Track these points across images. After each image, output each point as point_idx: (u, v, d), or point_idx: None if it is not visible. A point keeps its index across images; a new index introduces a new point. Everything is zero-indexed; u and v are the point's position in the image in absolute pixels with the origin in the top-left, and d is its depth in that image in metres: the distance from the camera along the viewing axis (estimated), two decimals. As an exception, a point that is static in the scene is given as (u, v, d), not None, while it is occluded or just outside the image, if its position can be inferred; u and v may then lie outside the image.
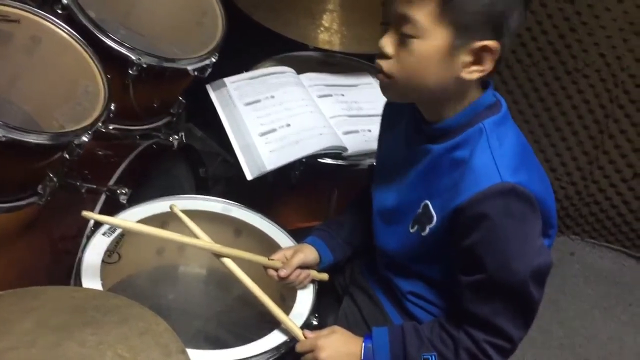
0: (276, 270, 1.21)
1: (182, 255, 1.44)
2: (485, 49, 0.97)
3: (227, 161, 2.34)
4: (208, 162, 1.92)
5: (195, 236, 1.21)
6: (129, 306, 0.91)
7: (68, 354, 0.81)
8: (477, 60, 0.98)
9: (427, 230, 1.07)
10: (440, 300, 1.14)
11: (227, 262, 1.19)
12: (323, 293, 1.26)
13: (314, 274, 1.25)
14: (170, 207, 1.24)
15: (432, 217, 1.06)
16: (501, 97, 1.08)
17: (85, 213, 1.10)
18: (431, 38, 0.97)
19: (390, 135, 1.21)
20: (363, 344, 1.09)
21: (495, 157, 1.00)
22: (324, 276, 1.28)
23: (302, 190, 1.60)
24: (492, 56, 0.97)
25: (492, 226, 0.98)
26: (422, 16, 0.96)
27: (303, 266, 1.22)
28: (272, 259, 1.22)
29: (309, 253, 1.23)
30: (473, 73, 0.99)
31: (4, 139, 1.11)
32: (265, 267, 1.22)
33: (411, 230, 1.10)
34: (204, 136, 2.37)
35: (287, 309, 1.18)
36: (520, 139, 1.07)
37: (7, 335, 0.83)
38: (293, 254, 1.22)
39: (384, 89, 1.06)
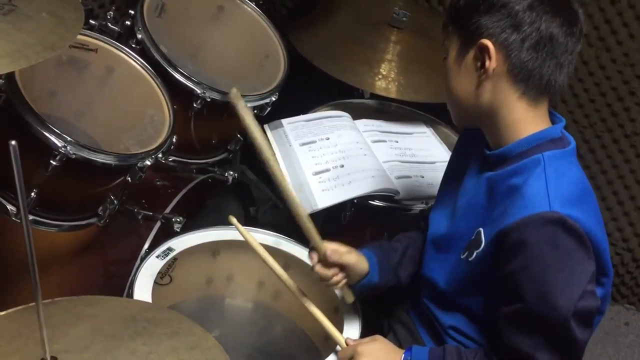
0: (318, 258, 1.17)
1: (229, 287, 1.45)
2: (481, 47, 1.02)
3: (276, 206, 2.37)
4: (259, 205, 1.95)
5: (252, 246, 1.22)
6: (180, 321, 0.92)
7: (119, 361, 0.82)
8: (482, 61, 1.03)
9: (474, 255, 1.06)
10: (481, 337, 1.11)
11: (277, 268, 1.20)
12: (368, 330, 1.24)
13: (345, 289, 1.23)
14: (229, 219, 1.23)
15: (481, 243, 1.05)
16: (571, 137, 1.08)
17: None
18: (450, 51, 1.08)
19: (459, 162, 1.22)
20: (403, 356, 1.08)
21: (549, 186, 0.99)
22: (350, 296, 1.24)
23: (352, 231, 1.59)
24: (490, 53, 1.01)
25: (533, 254, 0.96)
26: (445, 36, 1.09)
27: (347, 269, 1.19)
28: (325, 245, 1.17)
29: (361, 260, 1.21)
30: (483, 74, 1.04)
31: (73, 156, 1.16)
32: (310, 250, 1.18)
33: (462, 257, 1.09)
34: (256, 179, 2.41)
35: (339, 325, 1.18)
36: (582, 178, 1.05)
37: (62, 339, 0.85)
38: (348, 251, 1.19)
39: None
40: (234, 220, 1.24)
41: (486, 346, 1.09)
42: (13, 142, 0.59)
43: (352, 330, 1.22)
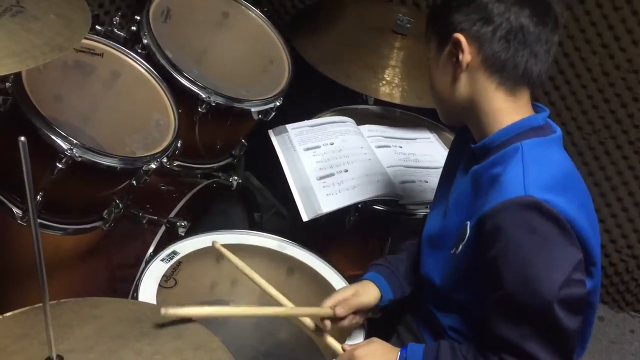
0: (329, 319, 1.17)
1: (233, 292, 1.44)
2: (455, 42, 1.04)
3: (280, 213, 2.38)
4: (262, 211, 1.96)
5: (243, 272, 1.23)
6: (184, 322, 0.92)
7: (124, 361, 0.83)
8: (456, 55, 1.05)
9: (460, 247, 1.06)
10: (479, 336, 1.10)
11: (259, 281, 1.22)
12: (372, 332, 1.23)
13: (369, 315, 1.24)
14: (213, 243, 1.24)
15: (466, 234, 1.05)
16: (556, 125, 1.09)
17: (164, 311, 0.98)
18: (431, 51, 1.11)
19: (451, 162, 1.23)
20: (399, 354, 1.09)
21: (526, 172, 0.99)
22: (376, 314, 1.26)
23: (356, 236, 1.60)
24: (462, 46, 1.04)
25: (510, 240, 0.96)
26: (427, 38, 1.12)
27: (360, 307, 1.20)
28: (325, 305, 1.17)
29: (369, 294, 1.21)
30: (458, 68, 1.05)
31: (79, 159, 1.17)
32: (321, 320, 1.18)
33: (451, 252, 1.10)
34: (260, 186, 2.42)
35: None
36: (566, 165, 1.05)
37: (68, 339, 0.85)
38: (352, 295, 1.19)
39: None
40: (217, 245, 1.25)
41: (478, 341, 1.09)
42: (22, 138, 0.60)
43: (357, 334, 1.22)
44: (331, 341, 1.15)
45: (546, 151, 1.04)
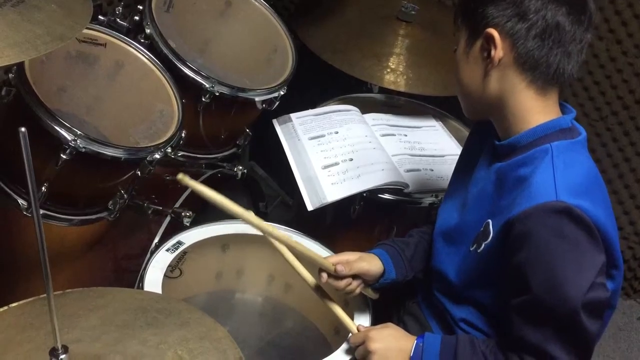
0: (328, 274, 1.17)
1: (239, 281, 1.45)
2: (487, 37, 1.03)
3: (286, 203, 2.37)
4: (268, 201, 1.96)
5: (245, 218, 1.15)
6: (190, 311, 0.92)
7: (130, 350, 0.83)
8: (488, 51, 1.04)
9: (482, 246, 1.05)
10: (492, 330, 1.10)
11: (288, 256, 1.18)
12: (377, 322, 1.23)
13: (367, 291, 1.23)
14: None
15: (489, 234, 1.05)
16: (582, 127, 1.07)
17: (181, 177, 0.99)
18: (460, 42, 1.09)
19: (470, 155, 1.22)
20: (415, 342, 1.09)
21: (557, 176, 0.98)
22: (372, 294, 1.25)
23: (361, 225, 1.59)
24: (495, 42, 1.02)
25: (539, 245, 0.96)
26: (455, 28, 1.10)
27: (361, 276, 1.20)
28: (328, 260, 1.18)
29: (373, 264, 1.21)
30: (490, 64, 1.04)
31: (83, 149, 1.17)
32: (320, 270, 1.18)
33: (470, 249, 1.09)
34: (265, 176, 2.42)
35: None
36: (591, 169, 1.05)
37: (74, 329, 0.85)
38: (356, 259, 1.20)
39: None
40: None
41: (497, 339, 1.08)
42: (22, 129, 0.59)
43: (363, 317, 1.23)
44: (346, 320, 1.15)
45: (574, 155, 1.03)
